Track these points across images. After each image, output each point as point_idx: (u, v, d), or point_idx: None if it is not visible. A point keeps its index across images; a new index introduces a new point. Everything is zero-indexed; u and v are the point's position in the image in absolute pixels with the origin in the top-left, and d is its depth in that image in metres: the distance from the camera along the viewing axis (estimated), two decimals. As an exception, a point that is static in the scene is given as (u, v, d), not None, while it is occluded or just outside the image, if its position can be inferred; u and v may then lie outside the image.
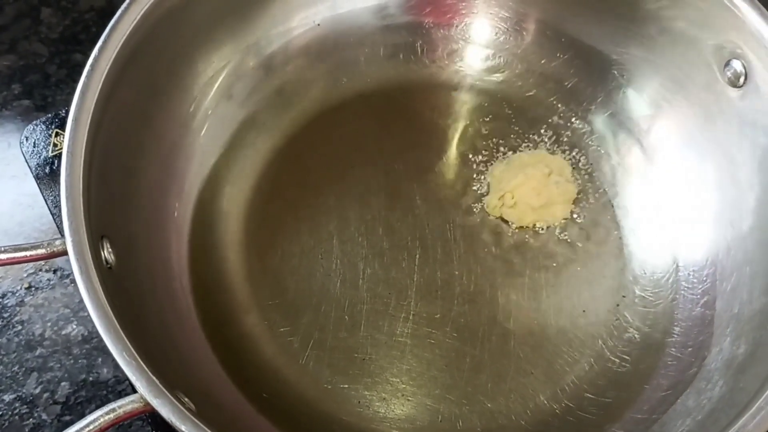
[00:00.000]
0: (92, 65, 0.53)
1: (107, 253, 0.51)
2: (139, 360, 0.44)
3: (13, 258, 0.48)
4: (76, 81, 0.52)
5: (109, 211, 0.53)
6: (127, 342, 0.45)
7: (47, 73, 0.76)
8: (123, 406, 0.44)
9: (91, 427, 0.43)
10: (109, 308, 0.45)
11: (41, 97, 0.74)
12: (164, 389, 0.44)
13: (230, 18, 0.65)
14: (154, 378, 0.44)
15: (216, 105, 0.66)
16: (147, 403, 0.44)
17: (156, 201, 0.60)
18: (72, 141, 0.50)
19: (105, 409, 0.44)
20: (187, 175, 0.64)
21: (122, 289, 0.51)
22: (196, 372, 0.56)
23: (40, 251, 0.48)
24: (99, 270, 0.47)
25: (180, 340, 0.56)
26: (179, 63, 0.63)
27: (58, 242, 0.48)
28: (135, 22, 0.55)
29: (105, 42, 0.54)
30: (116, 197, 0.55)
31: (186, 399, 0.46)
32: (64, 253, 0.47)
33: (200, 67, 0.65)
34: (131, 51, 0.55)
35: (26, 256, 0.48)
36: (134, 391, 0.44)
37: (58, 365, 0.62)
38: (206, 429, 0.43)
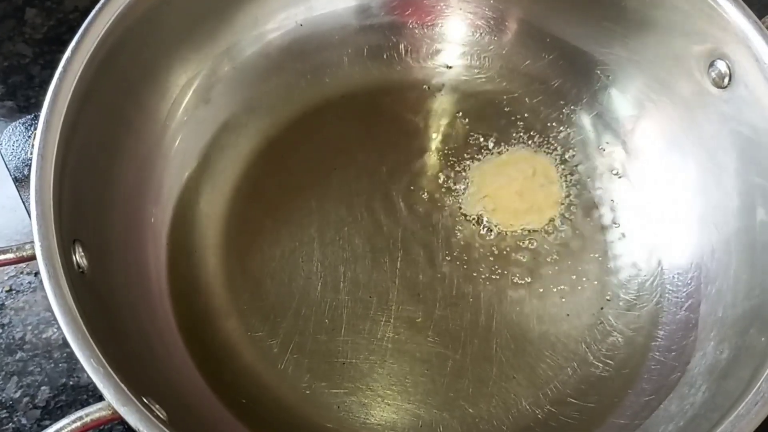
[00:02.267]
0: (65, 67, 0.52)
1: (79, 258, 0.50)
2: (107, 366, 0.43)
3: (-19, 262, 0.48)
4: (61, 82, 0.52)
5: (82, 214, 0.52)
6: (95, 348, 0.44)
7: (31, 74, 0.75)
8: (90, 414, 0.43)
9: (57, 435, 0.42)
10: (77, 313, 0.45)
11: (24, 98, 0.74)
12: (132, 396, 0.43)
13: (208, 19, 0.64)
14: (122, 385, 0.43)
15: (194, 108, 0.65)
16: (115, 411, 0.43)
17: (132, 205, 0.60)
18: (43, 143, 0.50)
19: (72, 417, 0.43)
20: (164, 178, 0.63)
21: (95, 293, 0.50)
22: (172, 378, 0.55)
23: (9, 256, 0.48)
24: (69, 275, 0.47)
25: (156, 346, 0.56)
26: (156, 65, 0.62)
27: (27, 246, 0.48)
28: (109, 23, 0.55)
29: (78, 43, 0.53)
30: (90, 201, 0.55)
31: (157, 406, 0.46)
32: (34, 257, 0.46)
33: (178, 69, 0.64)
34: (106, 53, 0.55)
35: (-6, 260, 0.48)
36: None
37: (39, 369, 0.61)
38: (175, 437, 0.43)
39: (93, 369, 0.43)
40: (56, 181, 0.49)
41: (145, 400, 0.44)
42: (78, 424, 0.43)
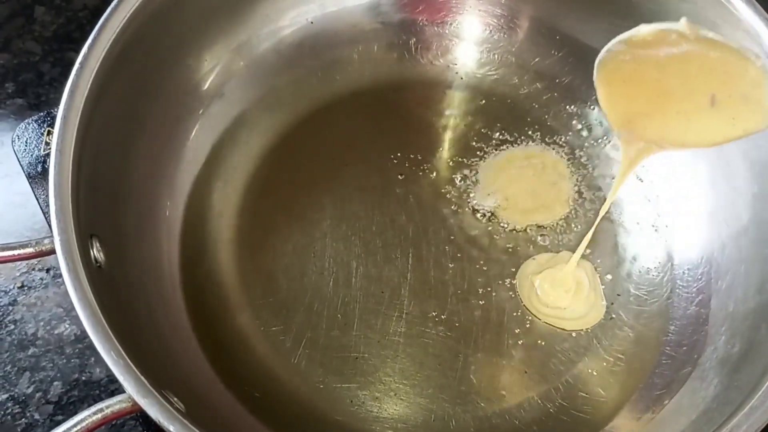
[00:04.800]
0: (81, 63, 0.53)
1: (96, 252, 0.50)
2: (127, 359, 0.44)
3: (1, 257, 0.48)
4: (71, 80, 0.52)
5: (98, 209, 0.53)
6: (115, 341, 0.44)
7: (41, 71, 0.75)
8: (111, 406, 0.44)
9: (78, 427, 0.43)
10: (97, 307, 0.45)
11: (35, 95, 0.74)
12: (152, 389, 0.43)
13: (221, 16, 0.65)
14: (142, 377, 0.44)
15: (208, 103, 0.66)
16: (135, 403, 0.43)
17: (147, 199, 0.60)
18: (61, 139, 0.50)
19: (92, 409, 0.43)
20: (178, 173, 0.63)
21: (112, 287, 0.51)
22: (187, 372, 0.55)
23: (29, 250, 0.48)
24: (87, 269, 0.47)
25: (171, 340, 0.56)
26: (170, 61, 0.62)
27: (46, 241, 0.48)
28: (124, 20, 0.55)
29: (94, 40, 0.54)
30: (106, 196, 0.55)
31: (175, 399, 0.46)
32: (53, 251, 0.47)
33: (191, 65, 0.65)
34: (121, 49, 0.55)
35: (14, 255, 0.48)
36: (127, 391, 0.44)
37: (51, 365, 0.61)
38: (195, 429, 0.43)
39: (113, 361, 0.43)
40: (74, 177, 0.50)
41: (163, 392, 0.45)
42: (99, 416, 0.43)
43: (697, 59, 0.48)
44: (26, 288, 0.64)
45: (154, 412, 0.43)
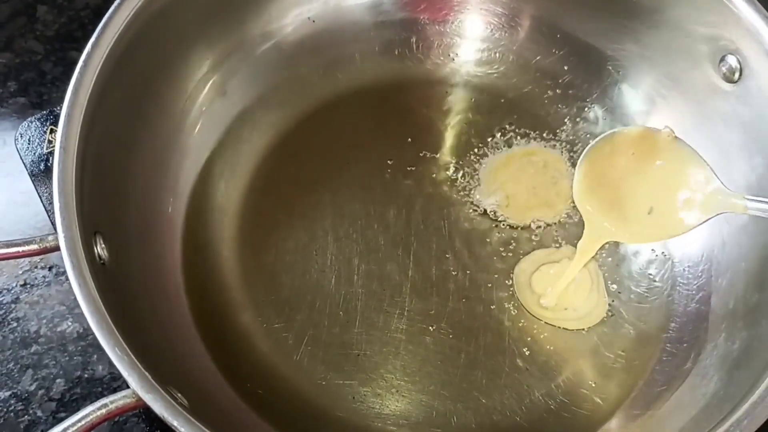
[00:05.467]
0: (85, 62, 0.53)
1: (100, 249, 0.51)
2: (131, 355, 0.44)
3: (6, 254, 0.48)
4: (73, 78, 0.53)
5: (102, 207, 0.53)
6: (119, 337, 0.44)
7: (43, 70, 0.75)
8: (115, 401, 0.44)
9: (82, 422, 0.43)
10: (101, 304, 0.45)
11: (37, 94, 0.74)
12: (156, 384, 0.44)
13: (223, 14, 0.65)
14: (146, 373, 0.44)
15: (210, 101, 0.66)
16: (139, 399, 0.44)
17: (150, 197, 0.60)
18: (65, 137, 0.50)
19: (97, 404, 0.44)
20: (181, 171, 0.64)
21: (115, 285, 0.51)
22: (190, 368, 0.56)
23: (33, 247, 0.48)
24: (92, 266, 0.47)
25: (174, 337, 0.56)
26: (172, 59, 0.63)
27: (50, 238, 0.48)
28: (128, 18, 0.55)
29: (97, 39, 0.54)
30: (110, 193, 0.55)
31: (179, 395, 0.46)
32: (57, 249, 0.47)
33: (194, 63, 0.65)
34: (124, 48, 0.55)
35: (18, 252, 0.48)
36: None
37: (54, 362, 0.62)
38: (199, 425, 0.43)
39: (118, 357, 0.44)
40: (77, 174, 0.50)
41: (167, 388, 0.45)
42: (103, 411, 0.43)
43: (653, 175, 0.56)
44: (29, 286, 0.65)
45: (159, 407, 0.43)
